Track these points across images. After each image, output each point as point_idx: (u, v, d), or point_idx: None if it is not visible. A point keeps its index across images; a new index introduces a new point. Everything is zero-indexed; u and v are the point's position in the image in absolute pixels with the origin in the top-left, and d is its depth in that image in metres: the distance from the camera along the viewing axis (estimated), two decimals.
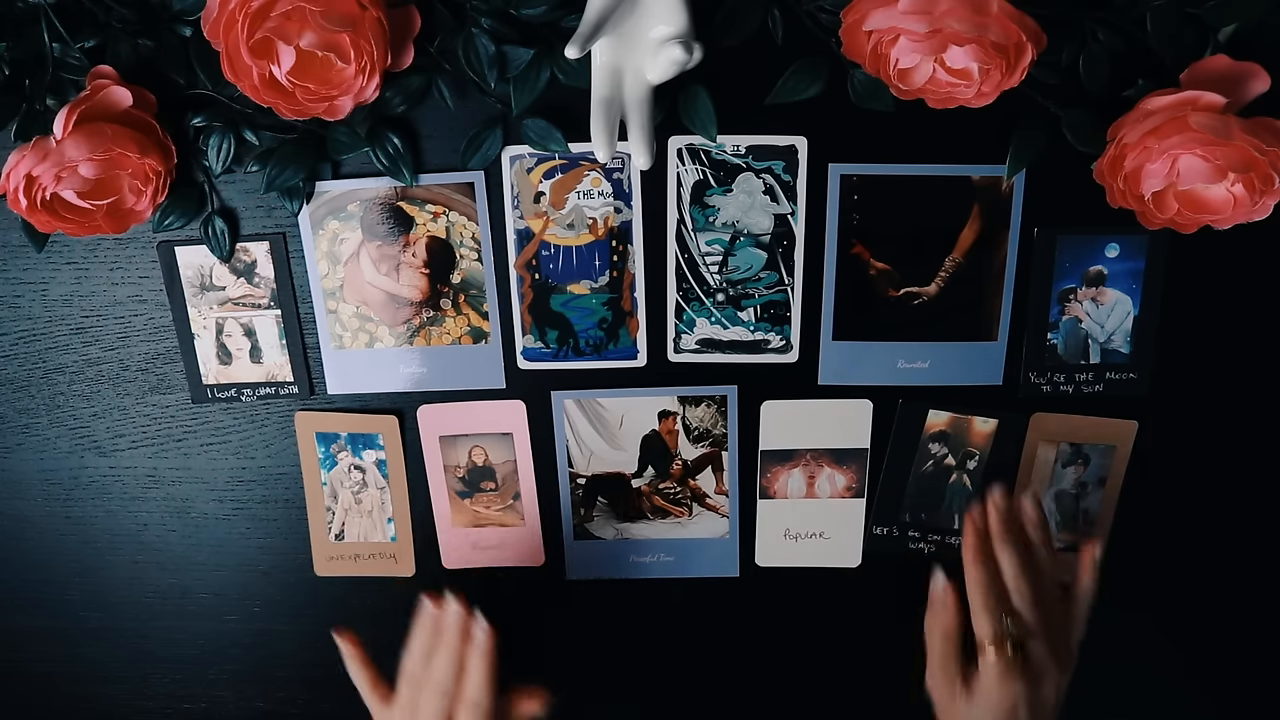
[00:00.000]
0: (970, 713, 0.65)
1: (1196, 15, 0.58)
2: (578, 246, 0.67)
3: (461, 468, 0.73)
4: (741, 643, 0.77)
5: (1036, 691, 0.64)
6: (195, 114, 0.62)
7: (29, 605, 0.78)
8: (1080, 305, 0.67)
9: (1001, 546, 0.66)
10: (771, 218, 0.66)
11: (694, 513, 0.73)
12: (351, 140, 0.63)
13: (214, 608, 0.77)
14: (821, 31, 0.59)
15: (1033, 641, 0.65)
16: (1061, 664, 0.65)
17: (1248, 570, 0.74)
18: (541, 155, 0.65)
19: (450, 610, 0.68)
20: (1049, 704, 0.65)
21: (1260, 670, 0.78)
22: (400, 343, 0.70)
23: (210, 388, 0.71)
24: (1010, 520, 0.67)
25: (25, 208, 0.58)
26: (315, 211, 0.67)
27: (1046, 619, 0.65)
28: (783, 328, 0.68)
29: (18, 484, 0.75)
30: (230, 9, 0.53)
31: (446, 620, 0.68)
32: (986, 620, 0.65)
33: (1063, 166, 0.63)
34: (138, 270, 0.69)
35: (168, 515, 0.75)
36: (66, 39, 0.59)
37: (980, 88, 0.55)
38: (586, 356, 0.69)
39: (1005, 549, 0.66)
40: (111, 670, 0.80)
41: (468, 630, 0.67)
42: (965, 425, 0.70)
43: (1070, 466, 0.71)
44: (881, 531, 0.74)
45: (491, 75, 0.60)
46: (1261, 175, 0.55)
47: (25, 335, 0.71)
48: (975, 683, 0.65)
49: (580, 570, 0.75)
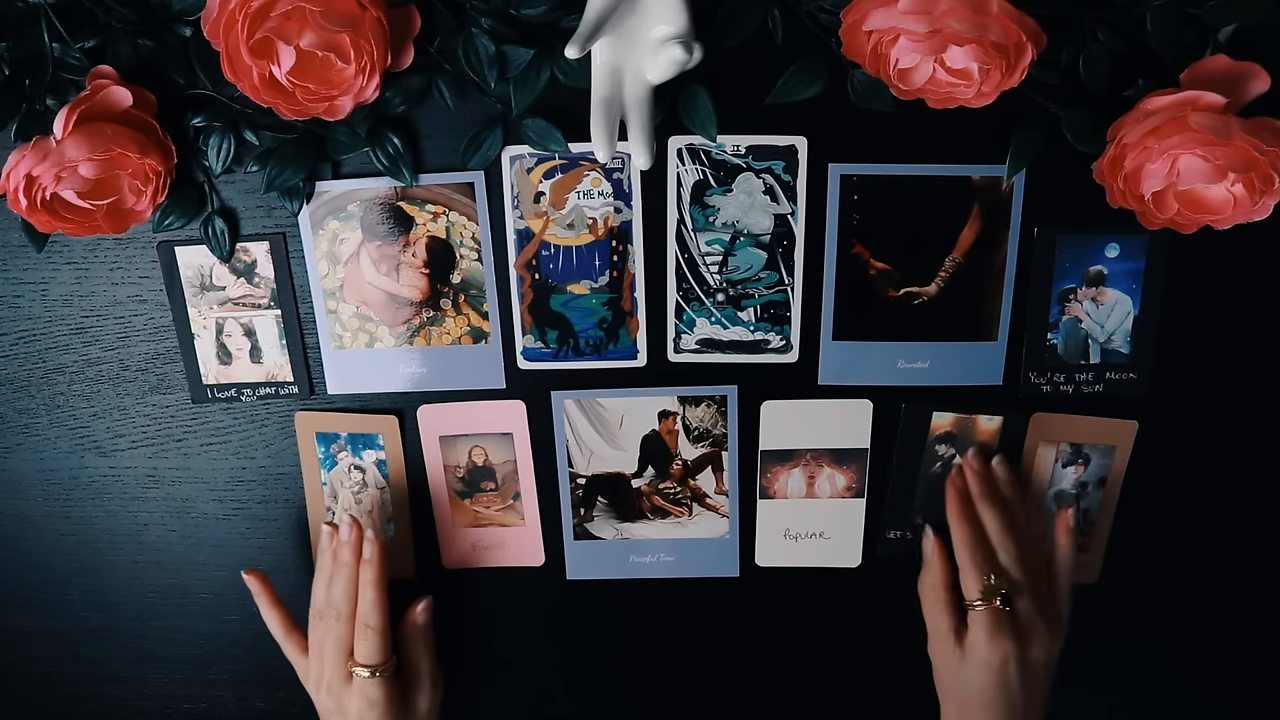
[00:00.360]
0: (964, 671, 0.67)
1: (1196, 15, 0.58)
2: (578, 246, 0.67)
3: (461, 468, 0.73)
4: (741, 643, 0.77)
5: (1026, 651, 0.66)
6: (195, 114, 0.62)
7: (29, 605, 0.78)
8: (1080, 305, 0.67)
9: (983, 505, 0.68)
10: (771, 218, 0.66)
11: (694, 513, 0.73)
12: (351, 140, 0.63)
13: (214, 608, 0.77)
14: (821, 31, 0.59)
15: (1020, 599, 0.66)
16: (1051, 626, 0.67)
17: (1248, 570, 0.74)
18: (541, 155, 0.65)
19: (344, 532, 0.69)
20: (1039, 666, 0.67)
21: (1262, 668, 0.78)
22: (400, 343, 0.70)
23: (210, 388, 0.71)
24: (988, 480, 0.69)
25: (25, 208, 0.58)
26: (315, 211, 0.67)
27: (1032, 578, 0.67)
28: (783, 328, 0.68)
29: (18, 484, 0.75)
30: (230, 9, 0.53)
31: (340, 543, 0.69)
32: (974, 577, 0.66)
33: (1063, 166, 0.63)
34: (138, 270, 0.69)
35: (168, 515, 0.75)
36: (66, 39, 0.59)
37: (980, 88, 0.55)
38: (586, 356, 0.69)
39: (986, 508, 0.68)
40: (111, 670, 0.80)
41: (359, 550, 0.69)
42: (970, 425, 0.70)
43: (1070, 466, 0.71)
44: (895, 535, 0.74)
45: (491, 75, 0.60)
46: (1261, 175, 0.55)
47: (25, 335, 0.71)
48: (966, 644, 0.67)
49: (580, 570, 0.75)
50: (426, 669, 0.71)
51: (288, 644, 0.72)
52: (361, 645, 0.68)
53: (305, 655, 0.71)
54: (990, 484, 0.69)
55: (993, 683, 0.66)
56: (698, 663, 0.78)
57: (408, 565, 0.75)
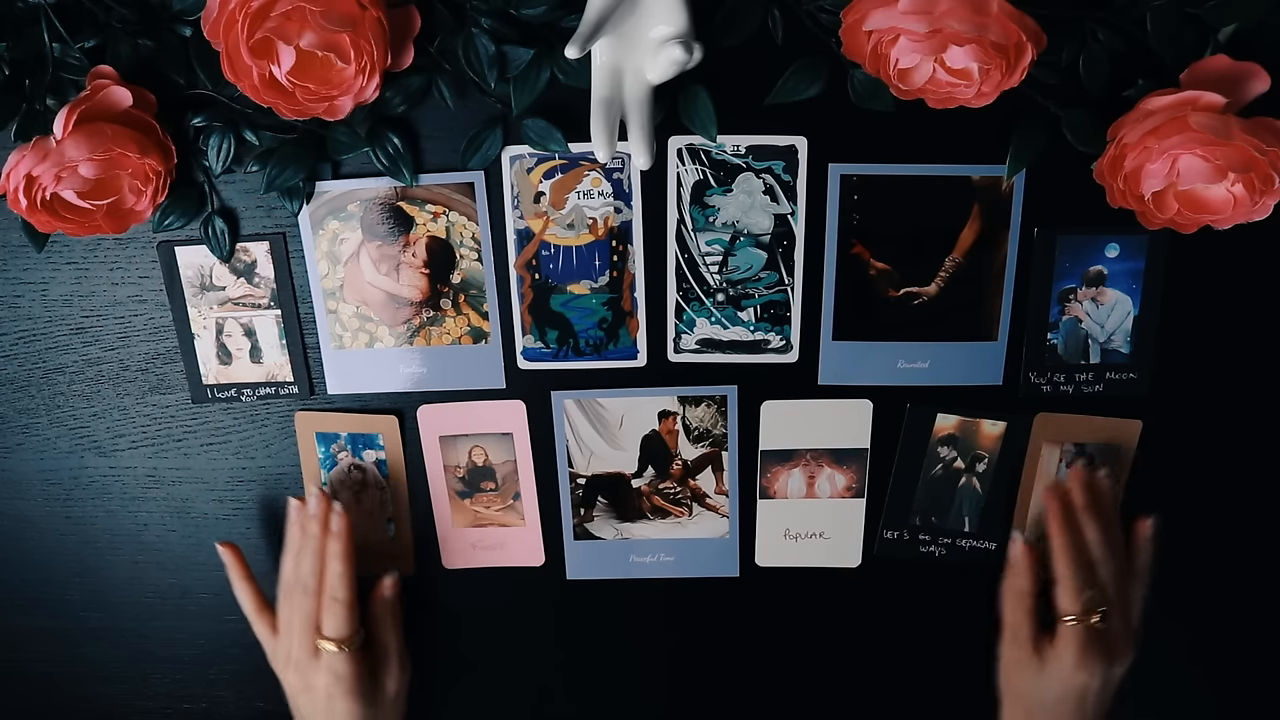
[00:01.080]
0: (1040, 680, 0.65)
1: (1196, 15, 0.58)
2: (578, 246, 0.67)
3: (461, 468, 0.73)
4: (741, 643, 0.77)
5: (1109, 671, 0.64)
6: (195, 114, 0.62)
7: (29, 605, 0.78)
8: (1080, 305, 0.67)
9: (1086, 518, 0.66)
10: (771, 218, 0.66)
11: (694, 513, 0.73)
12: (351, 140, 0.63)
13: (214, 608, 0.77)
14: (821, 31, 0.59)
15: (1115, 617, 0.64)
16: (1130, 645, 0.65)
17: (1248, 569, 0.74)
18: (541, 155, 0.65)
19: (311, 505, 0.69)
20: (1113, 687, 0.65)
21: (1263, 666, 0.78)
22: (400, 343, 0.70)
23: (210, 388, 0.71)
24: (1092, 490, 0.67)
25: (25, 208, 0.58)
26: (315, 211, 0.67)
27: (1125, 597, 0.65)
28: (783, 328, 0.68)
29: (18, 484, 0.75)
30: (230, 9, 0.53)
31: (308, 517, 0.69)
32: (1073, 591, 0.64)
33: (1063, 166, 0.63)
34: (138, 270, 0.69)
35: (168, 515, 0.75)
36: (66, 39, 0.59)
37: (980, 88, 0.55)
38: (586, 356, 0.69)
39: (1089, 520, 0.66)
40: (111, 670, 0.80)
41: (327, 522, 0.68)
42: (974, 428, 0.70)
43: (1074, 466, 0.71)
44: (892, 536, 0.74)
45: (491, 75, 0.60)
46: (1261, 175, 0.55)
47: (25, 335, 0.71)
48: (1048, 654, 0.65)
49: (580, 570, 0.75)
50: (394, 648, 0.71)
51: (258, 623, 0.72)
52: (328, 618, 0.67)
53: (275, 635, 0.71)
54: (1095, 495, 0.67)
55: (1073, 697, 0.64)
56: (698, 663, 0.78)
57: (408, 565, 0.75)
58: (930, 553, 0.74)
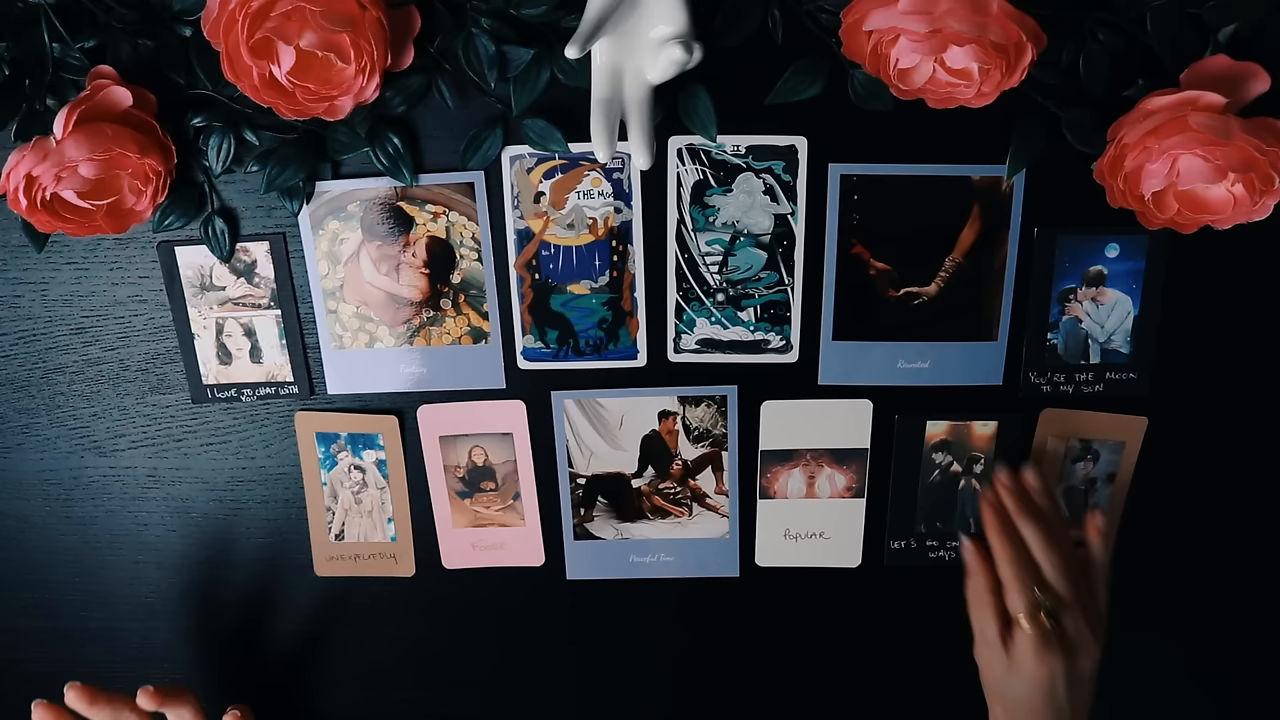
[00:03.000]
0: (1010, 679, 0.66)
1: (1196, 15, 0.58)
2: (578, 246, 0.67)
3: (461, 468, 0.73)
4: (741, 643, 0.77)
5: (1073, 664, 0.65)
6: (195, 114, 0.62)
7: (29, 605, 0.78)
8: (1080, 305, 0.67)
9: (1021, 520, 0.67)
10: (771, 218, 0.66)
11: (694, 513, 0.73)
12: (351, 140, 0.63)
13: (214, 608, 0.77)
14: (821, 31, 0.59)
15: (1066, 614, 0.65)
16: (1096, 635, 0.66)
17: (1248, 569, 0.74)
18: (541, 155, 0.65)
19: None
20: (1086, 676, 0.66)
21: (1264, 665, 0.78)
22: (400, 343, 0.70)
23: (210, 388, 0.71)
24: (1023, 494, 0.68)
25: (25, 208, 0.58)
26: (315, 211, 0.67)
27: (1076, 590, 0.66)
28: (783, 328, 0.68)
29: (18, 484, 0.75)
30: (230, 9, 0.53)
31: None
32: (1018, 593, 0.65)
33: (1063, 166, 0.63)
34: (138, 270, 0.69)
35: (168, 515, 0.75)
36: (66, 39, 0.59)
37: (980, 88, 0.55)
38: (586, 356, 0.69)
39: (1025, 522, 0.67)
40: (111, 670, 0.80)
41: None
42: (966, 431, 0.70)
43: (1080, 462, 0.71)
44: (899, 545, 0.74)
45: (491, 75, 0.60)
46: (1261, 175, 0.55)
47: (25, 335, 0.71)
48: (1012, 652, 0.66)
49: (580, 570, 0.75)
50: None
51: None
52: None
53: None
54: (1025, 498, 0.68)
55: (1040, 693, 0.65)
56: (698, 662, 0.78)
57: (408, 565, 0.75)
58: (940, 558, 0.74)
